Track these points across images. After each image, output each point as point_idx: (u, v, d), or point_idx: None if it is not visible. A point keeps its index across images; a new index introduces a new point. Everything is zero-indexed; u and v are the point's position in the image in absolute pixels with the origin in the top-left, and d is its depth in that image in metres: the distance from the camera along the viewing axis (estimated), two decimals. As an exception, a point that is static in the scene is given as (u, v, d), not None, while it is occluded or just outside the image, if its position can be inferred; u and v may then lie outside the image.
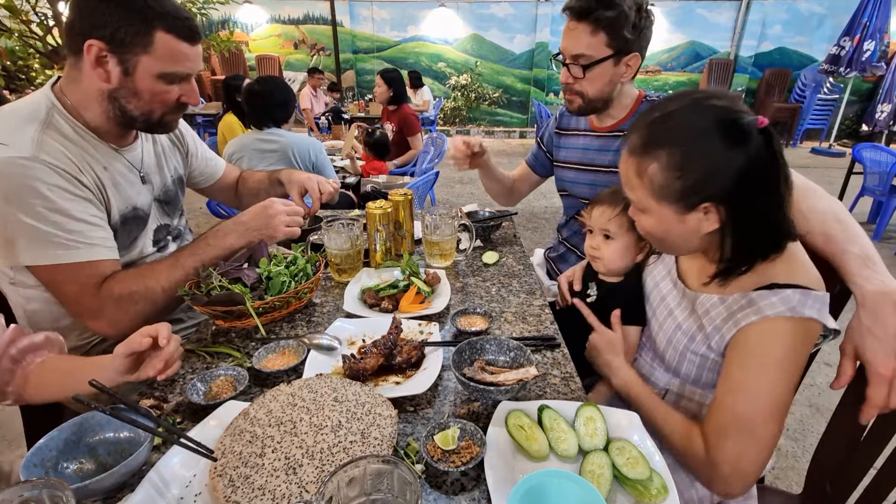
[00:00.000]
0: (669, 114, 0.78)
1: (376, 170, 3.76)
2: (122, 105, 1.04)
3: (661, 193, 0.79)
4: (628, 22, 1.24)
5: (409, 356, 0.94)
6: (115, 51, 0.97)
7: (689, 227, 0.81)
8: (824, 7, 8.28)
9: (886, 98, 7.06)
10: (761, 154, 0.73)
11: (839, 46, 6.68)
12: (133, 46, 0.97)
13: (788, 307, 0.75)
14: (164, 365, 0.83)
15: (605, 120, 1.45)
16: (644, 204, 0.83)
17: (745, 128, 0.73)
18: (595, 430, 0.77)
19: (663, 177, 0.77)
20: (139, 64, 0.99)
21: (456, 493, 0.69)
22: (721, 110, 0.74)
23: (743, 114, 0.74)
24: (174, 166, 1.33)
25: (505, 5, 8.81)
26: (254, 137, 2.45)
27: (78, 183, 1.00)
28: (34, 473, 0.66)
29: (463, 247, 1.48)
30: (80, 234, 0.99)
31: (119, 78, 1.00)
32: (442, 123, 9.33)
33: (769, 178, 0.75)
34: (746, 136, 0.72)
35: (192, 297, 1.05)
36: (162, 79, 1.02)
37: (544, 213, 4.87)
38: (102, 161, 1.07)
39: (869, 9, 6.32)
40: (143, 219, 1.19)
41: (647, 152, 0.79)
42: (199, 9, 3.65)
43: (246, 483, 0.65)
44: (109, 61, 0.98)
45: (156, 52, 0.99)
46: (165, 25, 0.98)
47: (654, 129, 0.79)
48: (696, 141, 0.75)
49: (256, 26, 9.17)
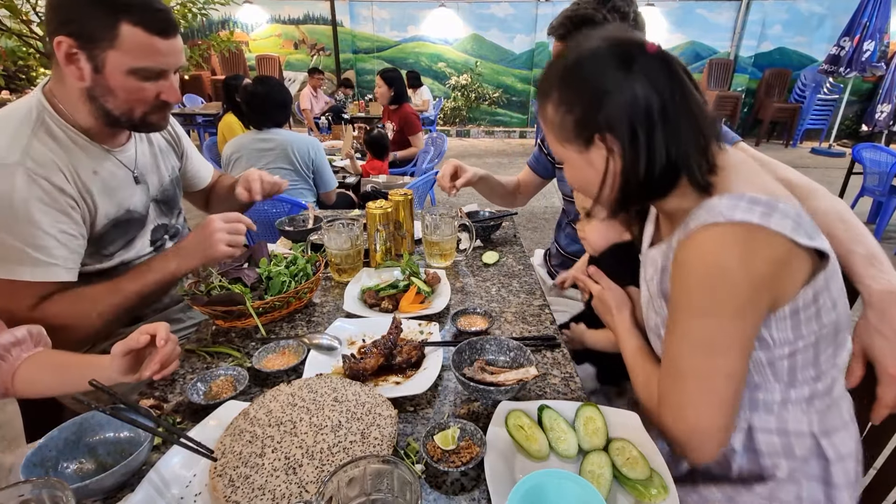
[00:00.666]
0: (560, 55, 0.76)
1: (376, 170, 3.76)
2: (101, 104, 1.01)
3: (561, 135, 0.76)
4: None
5: (409, 356, 0.94)
6: (84, 46, 0.94)
7: (598, 169, 0.75)
8: (824, 7, 8.28)
9: (886, 98, 7.05)
10: (651, 78, 0.68)
11: (839, 46, 6.68)
12: (100, 41, 0.94)
13: (712, 214, 0.65)
14: (161, 365, 0.83)
15: None
16: (558, 153, 0.79)
17: (629, 51, 0.69)
18: (595, 430, 0.77)
19: (556, 115, 0.75)
20: (108, 60, 0.95)
21: (456, 493, 0.69)
22: (604, 39, 0.71)
23: (627, 38, 0.70)
24: (171, 165, 1.32)
25: (505, 5, 8.81)
26: (252, 137, 2.45)
27: (58, 193, 0.98)
28: (34, 473, 0.66)
29: (463, 247, 1.48)
30: (44, 251, 0.97)
31: (91, 75, 0.97)
32: (442, 123, 9.33)
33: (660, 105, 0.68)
34: (630, 59, 0.68)
35: (193, 297, 1.05)
36: (134, 75, 0.98)
37: (544, 214, 4.87)
38: (93, 165, 1.05)
39: (869, 9, 6.32)
40: (139, 220, 1.18)
41: (543, 95, 0.76)
42: (199, 9, 3.65)
43: (246, 483, 0.65)
44: (80, 58, 0.95)
45: (123, 47, 0.95)
46: (132, 18, 0.94)
47: (546, 72, 0.77)
48: (578, 72, 0.72)
49: (256, 26, 9.17)
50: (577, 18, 1.22)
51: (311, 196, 2.60)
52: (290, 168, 2.47)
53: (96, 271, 1.10)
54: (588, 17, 1.21)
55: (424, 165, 3.95)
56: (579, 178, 0.80)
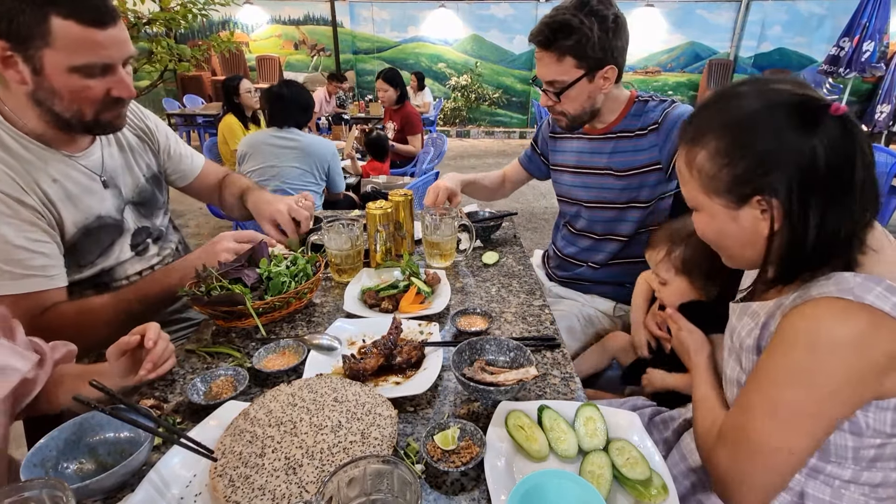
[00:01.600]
0: (723, 98, 0.71)
1: (376, 170, 3.77)
2: (48, 107, 0.94)
3: (710, 185, 0.70)
4: (591, 43, 1.22)
5: (409, 356, 0.94)
6: (17, 48, 0.87)
7: (743, 227, 0.70)
8: (824, 8, 8.29)
9: (886, 98, 7.05)
10: (832, 145, 0.61)
11: (838, 47, 6.68)
12: (32, 40, 0.86)
13: (841, 288, 0.61)
14: (153, 365, 0.82)
15: (596, 124, 1.45)
16: (697, 201, 0.74)
17: (811, 112, 0.62)
18: (595, 431, 0.77)
19: (711, 165, 0.69)
20: (45, 59, 0.88)
21: (456, 493, 0.69)
22: (780, 93, 0.65)
23: (809, 96, 0.64)
24: (146, 164, 1.25)
25: (505, 6, 8.81)
26: (270, 134, 2.53)
27: (18, 205, 0.93)
28: (34, 473, 0.66)
29: (463, 247, 1.48)
30: (17, 264, 0.93)
31: (32, 77, 0.90)
32: (442, 124, 9.33)
33: (836, 175, 0.62)
34: (811, 121, 0.62)
35: (193, 297, 1.05)
36: (76, 73, 0.90)
37: (544, 214, 4.87)
38: (52, 173, 0.99)
39: (868, 9, 6.32)
40: (114, 226, 1.13)
41: (695, 141, 0.71)
42: (199, 10, 3.65)
43: (246, 483, 0.65)
44: (17, 60, 0.88)
45: (57, 44, 0.86)
46: (61, 11, 0.85)
47: (703, 114, 0.72)
48: (747, 124, 0.66)
49: (257, 27, 9.18)
50: (556, 24, 1.22)
51: (318, 199, 2.64)
52: (305, 169, 2.55)
53: (76, 281, 1.06)
54: (566, 22, 1.21)
55: (424, 166, 3.95)
56: (716, 232, 0.75)
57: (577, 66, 1.26)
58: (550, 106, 1.38)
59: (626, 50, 1.31)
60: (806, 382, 0.63)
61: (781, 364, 0.66)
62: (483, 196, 1.79)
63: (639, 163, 1.38)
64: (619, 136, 1.40)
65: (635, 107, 1.40)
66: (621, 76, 1.35)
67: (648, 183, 1.39)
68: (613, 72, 1.30)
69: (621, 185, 1.41)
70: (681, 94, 9.07)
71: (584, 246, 1.55)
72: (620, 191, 1.42)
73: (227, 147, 3.72)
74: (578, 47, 1.23)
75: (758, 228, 0.69)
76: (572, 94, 1.31)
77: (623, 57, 1.31)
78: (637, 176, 1.39)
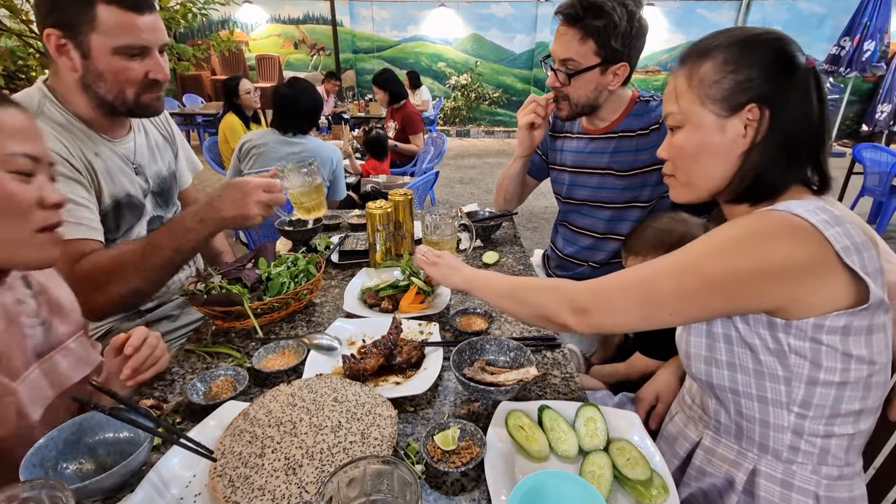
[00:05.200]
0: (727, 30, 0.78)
1: (376, 169, 3.76)
2: (95, 91, 1.04)
3: (708, 92, 0.75)
4: (617, 32, 1.23)
5: (409, 356, 0.94)
6: (69, 35, 0.98)
7: (724, 139, 0.75)
8: (824, 7, 8.28)
9: (886, 98, 7.05)
10: (808, 85, 0.72)
11: (839, 46, 6.67)
12: (81, 26, 0.97)
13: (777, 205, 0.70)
14: (132, 371, 0.82)
15: (596, 123, 1.45)
16: (687, 114, 0.78)
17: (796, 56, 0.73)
18: (595, 431, 0.77)
19: (715, 73, 0.75)
20: (92, 43, 0.99)
21: (456, 493, 0.69)
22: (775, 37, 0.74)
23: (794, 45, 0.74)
24: (167, 162, 1.33)
25: (505, 5, 8.80)
26: (279, 138, 2.43)
27: (68, 164, 1.02)
28: (34, 473, 0.66)
29: (463, 247, 1.48)
30: (67, 213, 0.97)
31: (81, 62, 1.01)
32: (442, 123, 9.33)
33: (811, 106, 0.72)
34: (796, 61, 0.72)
35: (191, 296, 1.05)
36: (118, 54, 1.01)
37: (544, 214, 4.87)
38: (94, 148, 1.09)
39: (869, 9, 6.32)
40: (138, 207, 1.19)
41: (701, 55, 0.77)
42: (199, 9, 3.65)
43: (246, 483, 0.65)
44: (69, 47, 0.99)
45: (102, 28, 0.98)
46: None
47: (711, 39, 0.78)
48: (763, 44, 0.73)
49: (256, 26, 9.16)
50: (588, 3, 1.22)
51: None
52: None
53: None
54: (600, 3, 1.21)
55: (424, 165, 3.95)
56: (696, 146, 0.78)
57: (597, 52, 1.26)
58: (556, 88, 1.35)
59: (640, 54, 1.32)
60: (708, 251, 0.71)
61: (698, 242, 0.74)
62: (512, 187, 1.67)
63: (640, 162, 1.38)
64: (621, 135, 1.40)
65: (637, 106, 1.40)
66: (629, 79, 1.35)
67: (650, 182, 1.39)
68: (625, 70, 1.30)
69: (622, 184, 1.41)
70: (681, 93, 9.06)
71: (585, 245, 1.55)
72: (622, 190, 1.42)
73: (227, 146, 3.72)
74: (604, 32, 1.23)
75: (737, 142, 0.75)
76: (582, 81, 1.30)
77: (636, 59, 1.31)
78: (639, 176, 1.39)
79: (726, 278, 0.68)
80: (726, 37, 0.76)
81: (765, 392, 0.74)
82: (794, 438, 0.74)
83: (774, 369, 0.72)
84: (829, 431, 0.73)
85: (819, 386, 0.71)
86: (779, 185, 0.75)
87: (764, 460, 0.77)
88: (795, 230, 0.66)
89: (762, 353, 0.72)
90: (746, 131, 0.74)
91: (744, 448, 0.80)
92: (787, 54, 0.72)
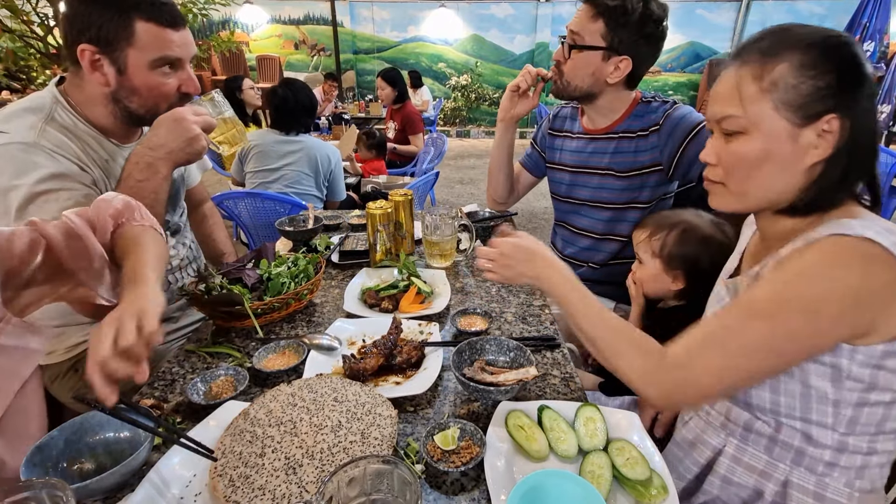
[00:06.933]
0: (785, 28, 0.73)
1: (376, 170, 3.77)
2: (125, 105, 1.05)
3: (784, 97, 0.68)
4: (627, 20, 1.23)
5: (409, 356, 0.94)
6: (105, 51, 0.99)
7: (796, 151, 0.69)
8: (824, 7, 8.29)
9: (886, 98, 7.04)
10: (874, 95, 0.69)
11: (839, 47, 6.68)
12: (118, 42, 0.98)
13: (839, 228, 0.65)
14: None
15: (597, 122, 1.45)
16: (753, 118, 0.70)
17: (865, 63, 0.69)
18: (595, 431, 0.77)
19: (793, 77, 0.67)
20: (128, 59, 1.00)
21: (456, 493, 0.69)
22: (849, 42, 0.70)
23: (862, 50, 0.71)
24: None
25: (505, 6, 8.81)
26: (277, 137, 2.48)
27: (77, 168, 1.02)
28: (34, 473, 0.66)
29: (463, 247, 1.48)
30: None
31: (115, 78, 1.02)
32: (442, 124, 9.33)
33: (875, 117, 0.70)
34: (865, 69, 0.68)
35: (192, 296, 1.05)
36: (154, 69, 1.03)
37: (544, 214, 4.87)
38: (104, 155, 1.09)
39: (869, 9, 6.32)
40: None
41: (772, 54, 0.70)
42: (199, 9, 3.66)
43: (246, 483, 0.65)
44: (103, 63, 1.00)
45: (139, 43, 0.99)
46: (143, 14, 0.99)
47: (781, 34, 0.72)
48: (831, 51, 0.68)
49: (257, 27, 9.17)
50: None
51: (319, 203, 2.62)
52: (308, 173, 2.53)
53: None
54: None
55: (424, 166, 3.95)
56: (760, 153, 0.71)
57: (604, 34, 1.26)
58: (558, 61, 1.37)
59: (648, 60, 1.32)
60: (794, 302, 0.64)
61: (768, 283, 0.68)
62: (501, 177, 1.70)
63: (640, 163, 1.38)
64: (621, 136, 1.40)
65: (638, 107, 1.40)
66: (634, 82, 1.35)
67: (649, 184, 1.39)
68: (627, 65, 1.29)
69: (622, 185, 1.41)
70: (681, 94, 9.07)
71: (584, 246, 1.55)
72: (621, 191, 1.42)
73: (227, 146, 3.72)
74: (614, 13, 1.24)
75: (808, 154, 0.69)
76: (581, 60, 1.31)
77: (642, 63, 1.31)
78: (638, 177, 1.39)
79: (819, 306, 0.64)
80: (795, 35, 0.70)
81: (809, 414, 0.71)
82: (834, 455, 0.73)
83: (823, 392, 0.69)
84: (872, 448, 0.72)
85: (868, 406, 0.69)
86: (835, 199, 0.71)
87: (796, 472, 0.76)
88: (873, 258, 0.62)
89: (813, 377, 0.69)
90: (820, 142, 0.68)
91: (774, 459, 0.78)
92: (860, 61, 0.67)
